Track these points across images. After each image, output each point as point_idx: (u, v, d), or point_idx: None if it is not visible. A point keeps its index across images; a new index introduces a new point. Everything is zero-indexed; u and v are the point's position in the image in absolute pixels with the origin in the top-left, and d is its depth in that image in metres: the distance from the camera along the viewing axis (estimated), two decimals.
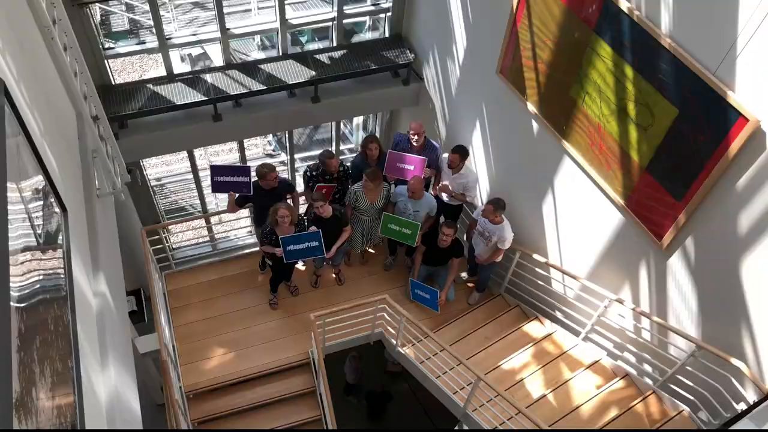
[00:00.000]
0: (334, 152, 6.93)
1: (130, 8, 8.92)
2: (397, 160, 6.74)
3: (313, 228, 6.26)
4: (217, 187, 6.47)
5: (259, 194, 6.49)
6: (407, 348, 6.64)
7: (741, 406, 4.75)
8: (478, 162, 7.30)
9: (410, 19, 8.08)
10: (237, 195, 6.45)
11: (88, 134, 5.24)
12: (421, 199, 6.62)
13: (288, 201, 6.50)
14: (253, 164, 6.81)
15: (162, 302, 6.85)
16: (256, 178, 6.42)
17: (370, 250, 7.89)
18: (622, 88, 4.77)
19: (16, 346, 2.07)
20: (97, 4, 6.84)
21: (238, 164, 7.28)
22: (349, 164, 7.12)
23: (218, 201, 11.02)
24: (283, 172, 9.36)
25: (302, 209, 7.23)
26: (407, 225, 6.56)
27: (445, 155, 6.91)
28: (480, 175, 7.22)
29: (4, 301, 1.97)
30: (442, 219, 7.32)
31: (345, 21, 7.99)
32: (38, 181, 3.07)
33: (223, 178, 6.36)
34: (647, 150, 4.75)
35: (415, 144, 6.80)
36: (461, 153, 6.58)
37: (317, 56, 7.88)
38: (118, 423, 3.86)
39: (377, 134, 9.90)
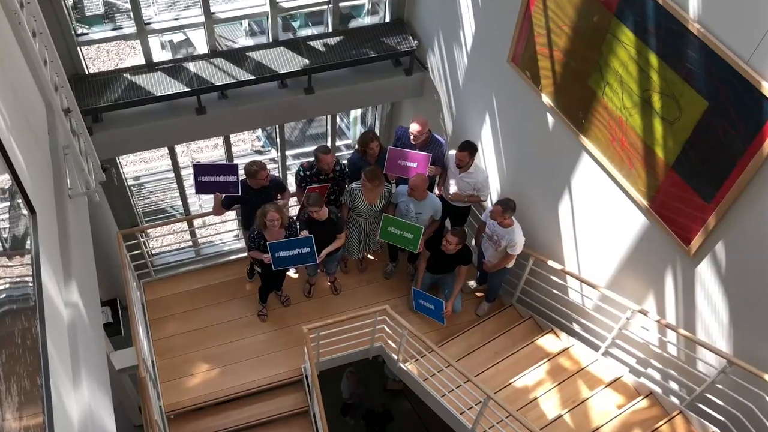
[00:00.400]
0: (329, 148, 6.93)
1: None
2: (399, 157, 6.73)
3: (305, 233, 6.27)
4: (201, 188, 6.47)
5: (247, 194, 6.48)
6: (410, 364, 6.63)
7: None
8: (487, 159, 7.30)
9: (413, 3, 8.06)
10: (224, 196, 6.47)
11: (60, 128, 5.24)
12: (424, 200, 6.62)
13: (279, 201, 6.52)
14: (240, 162, 6.84)
15: (140, 313, 6.82)
16: (244, 176, 6.44)
17: (369, 257, 7.90)
18: (646, 78, 4.77)
19: None
20: None
21: (224, 162, 7.29)
22: (345, 162, 7.15)
23: (202, 202, 11.03)
24: (274, 171, 9.32)
25: (294, 210, 7.26)
26: (409, 228, 6.55)
27: (452, 152, 6.94)
28: (489, 174, 7.17)
29: None
30: (449, 223, 7.34)
31: (341, 4, 7.97)
32: (4, 180, 3.07)
33: (208, 178, 6.35)
34: (673, 146, 4.74)
35: (420, 140, 6.79)
36: (470, 150, 6.57)
37: (311, 43, 7.86)
38: None
39: (377, 129, 9.90)
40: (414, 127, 6.76)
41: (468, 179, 6.81)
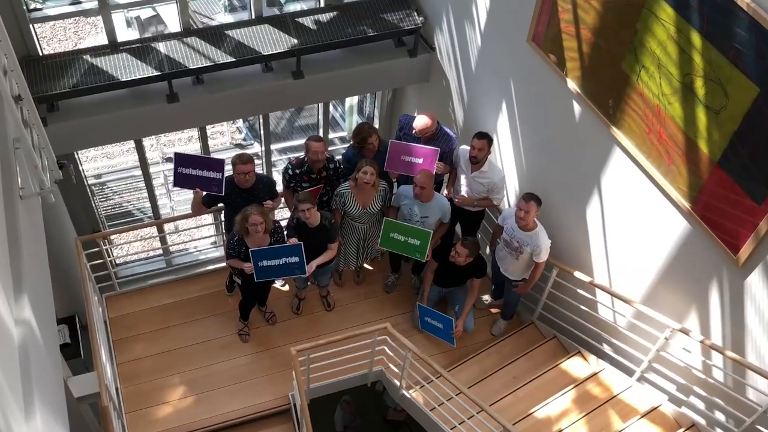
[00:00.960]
0: (322, 137, 6.94)
1: None
2: (402, 152, 6.75)
3: (294, 240, 6.28)
4: (180, 181, 6.51)
5: (233, 194, 6.51)
6: (414, 391, 6.66)
7: None
8: (504, 155, 7.31)
9: None
10: (204, 193, 6.52)
11: (9, 119, 5.21)
12: (431, 201, 6.64)
13: (268, 204, 6.55)
14: (226, 157, 6.84)
15: (102, 332, 6.83)
16: (229, 173, 6.52)
17: (367, 266, 7.93)
18: (688, 61, 4.76)
19: None
20: None
21: (211, 156, 7.30)
22: (340, 158, 7.20)
23: (174, 204, 11.03)
24: (256, 168, 9.31)
25: (285, 214, 7.27)
26: (415, 234, 6.56)
27: (464, 147, 6.94)
28: (505, 172, 7.19)
29: None
30: (460, 230, 7.33)
31: None
32: None
33: (190, 170, 6.40)
34: (719, 139, 4.72)
35: (419, 135, 6.82)
36: (489, 139, 6.58)
37: (300, 20, 7.85)
38: None
39: (376, 120, 9.93)
40: (419, 123, 6.74)
41: (482, 179, 6.81)
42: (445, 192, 7.30)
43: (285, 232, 6.52)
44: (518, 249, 6.47)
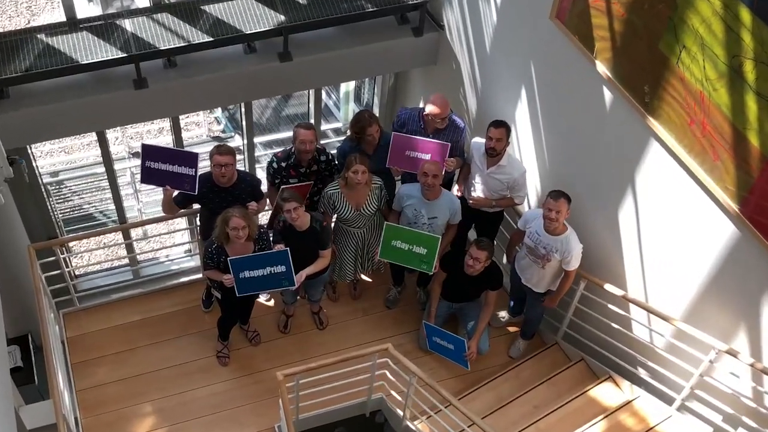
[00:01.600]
0: (312, 124, 6.92)
1: None
2: (406, 147, 6.73)
3: (280, 246, 6.25)
4: (148, 177, 6.53)
5: (210, 193, 6.49)
6: (420, 422, 6.61)
7: None
8: (523, 150, 7.32)
9: None
10: (176, 192, 6.53)
11: None
12: (437, 198, 6.61)
13: (252, 206, 6.51)
14: (202, 151, 6.86)
15: (59, 355, 6.81)
16: (207, 170, 6.51)
17: (365, 278, 7.90)
18: (735, 41, 4.74)
19: None
20: None
21: (184, 150, 7.31)
22: (334, 152, 7.14)
23: (142, 205, 11.02)
24: (238, 164, 9.31)
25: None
26: (421, 240, 6.51)
27: (477, 140, 6.92)
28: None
29: None
30: (472, 236, 7.33)
31: None
32: None
33: (159, 165, 6.41)
34: None
35: (435, 125, 6.78)
36: (508, 127, 6.54)
37: None
38: None
39: (376, 110, 9.85)
40: (431, 109, 6.73)
41: (500, 175, 6.78)
42: (456, 191, 7.25)
43: (271, 238, 6.51)
44: (545, 257, 6.41)
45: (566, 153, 6.79)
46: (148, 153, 6.46)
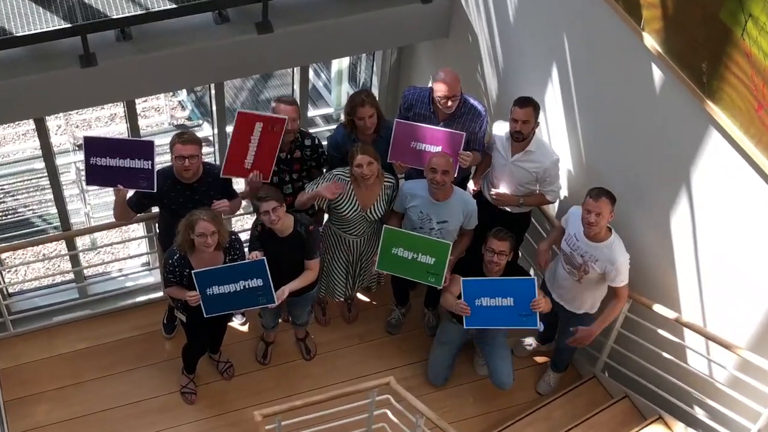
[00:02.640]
0: (295, 100, 6.91)
1: None
2: (411, 136, 6.64)
3: (256, 254, 6.22)
4: (95, 177, 6.49)
5: (171, 191, 6.47)
6: None
7: None
8: (554, 142, 7.28)
9: None
10: (130, 192, 6.47)
11: None
12: (449, 198, 6.58)
13: (221, 206, 6.49)
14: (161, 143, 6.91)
15: None
16: (167, 164, 6.47)
17: (362, 297, 7.94)
18: None
19: None
20: None
21: (137, 138, 7.39)
22: (326, 144, 7.20)
23: (91, 208, 11.09)
24: (207, 157, 9.39)
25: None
26: (428, 247, 6.42)
27: (499, 124, 6.87)
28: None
29: None
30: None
31: None
32: None
33: (107, 160, 6.39)
34: None
35: (445, 109, 6.71)
36: (536, 106, 6.45)
37: None
38: None
39: (375, 92, 9.77)
40: (440, 88, 6.59)
41: (527, 164, 6.68)
42: (472, 187, 7.23)
43: (246, 248, 6.45)
44: (582, 267, 6.27)
45: (606, 145, 6.74)
46: (92, 147, 6.40)
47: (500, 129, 6.77)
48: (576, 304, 6.64)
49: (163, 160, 6.57)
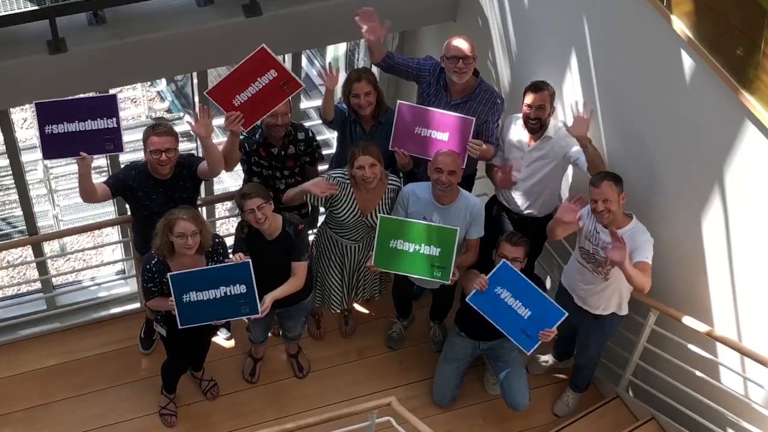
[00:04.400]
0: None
1: None
2: (417, 121, 6.54)
3: (240, 255, 6.05)
4: (52, 147, 6.31)
5: (146, 188, 6.39)
6: None
7: None
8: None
9: None
10: (95, 159, 6.28)
11: None
12: (453, 202, 6.48)
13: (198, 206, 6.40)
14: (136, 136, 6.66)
15: None
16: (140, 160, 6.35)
17: (360, 308, 7.74)
18: None
19: None
20: None
21: (95, 96, 7.15)
22: (320, 139, 7.00)
23: (60, 210, 10.86)
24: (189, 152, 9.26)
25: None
26: (432, 235, 6.33)
27: (514, 118, 6.73)
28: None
29: None
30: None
31: None
32: None
33: (65, 125, 6.23)
34: None
35: (458, 76, 6.55)
36: (551, 91, 6.43)
37: None
38: None
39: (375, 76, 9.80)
40: (452, 47, 6.52)
41: (540, 152, 6.66)
42: (498, 177, 7.04)
43: (230, 251, 6.22)
44: (607, 261, 6.14)
45: (629, 139, 6.68)
46: (46, 113, 6.21)
47: (514, 119, 6.79)
48: (601, 305, 6.57)
49: (136, 156, 6.30)
